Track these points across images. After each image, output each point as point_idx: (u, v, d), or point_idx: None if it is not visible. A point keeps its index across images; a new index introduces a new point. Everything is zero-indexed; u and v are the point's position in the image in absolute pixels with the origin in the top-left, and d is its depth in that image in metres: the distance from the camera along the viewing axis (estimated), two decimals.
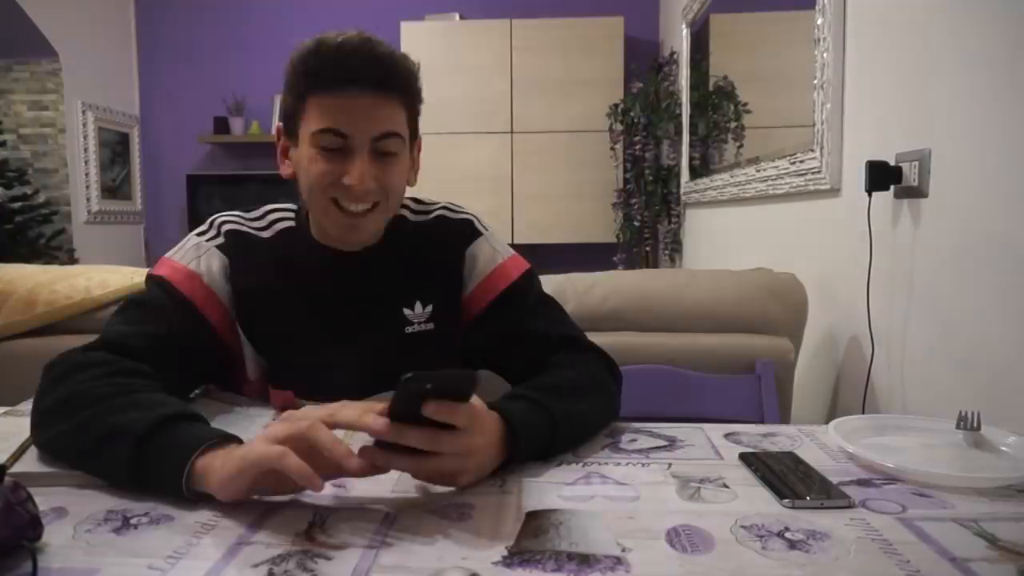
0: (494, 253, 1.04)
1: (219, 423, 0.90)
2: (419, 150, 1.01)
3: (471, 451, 0.70)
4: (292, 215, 1.03)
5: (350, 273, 0.99)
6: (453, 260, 1.02)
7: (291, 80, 0.91)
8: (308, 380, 1.00)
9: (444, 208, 1.06)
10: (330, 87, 0.88)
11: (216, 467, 0.66)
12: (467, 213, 1.07)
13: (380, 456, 0.67)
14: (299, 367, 1.00)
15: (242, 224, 1.01)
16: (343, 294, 0.99)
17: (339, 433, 0.67)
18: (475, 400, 0.71)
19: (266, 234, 1.00)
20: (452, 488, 0.72)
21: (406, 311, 1.00)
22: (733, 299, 1.52)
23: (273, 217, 1.02)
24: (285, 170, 0.98)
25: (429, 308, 1.01)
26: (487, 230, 1.06)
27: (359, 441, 0.70)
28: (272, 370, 1.01)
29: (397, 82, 0.91)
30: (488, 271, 1.02)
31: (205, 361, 0.96)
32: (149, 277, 0.97)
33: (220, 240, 0.98)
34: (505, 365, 1.03)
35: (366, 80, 0.88)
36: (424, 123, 1.01)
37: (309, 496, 0.70)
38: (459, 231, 1.04)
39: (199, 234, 1.00)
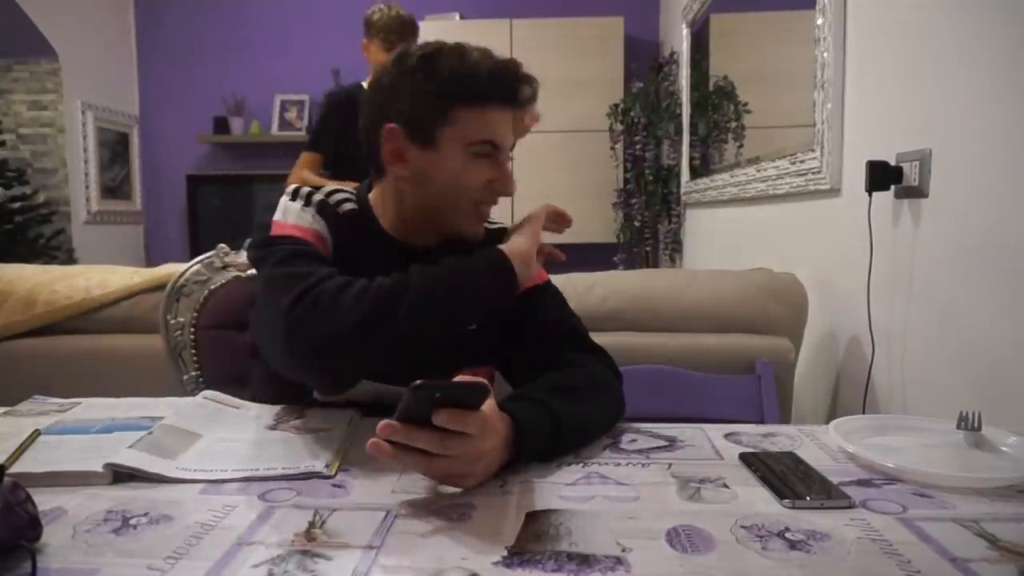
0: None
1: (220, 423, 0.90)
2: None
3: (480, 455, 0.71)
4: (353, 197, 1.06)
5: (408, 264, 0.98)
6: None
7: (426, 87, 0.95)
8: None
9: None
10: (486, 101, 0.96)
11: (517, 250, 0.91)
12: (501, 224, 1.13)
13: (389, 450, 0.68)
14: None
15: (322, 197, 1.03)
16: None
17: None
18: (488, 403, 0.72)
19: (340, 210, 1.03)
20: (457, 489, 0.72)
21: None
22: (733, 299, 1.52)
23: (340, 197, 1.05)
24: (402, 171, 0.99)
25: None
26: None
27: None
28: None
29: (530, 102, 1.01)
30: None
31: None
32: (280, 239, 0.96)
33: (313, 208, 1.01)
34: (512, 358, 1.05)
35: (516, 99, 0.98)
36: None
37: (309, 496, 0.70)
38: (496, 240, 1.06)
39: (292, 200, 1.01)
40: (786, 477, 0.73)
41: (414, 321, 0.85)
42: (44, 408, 0.99)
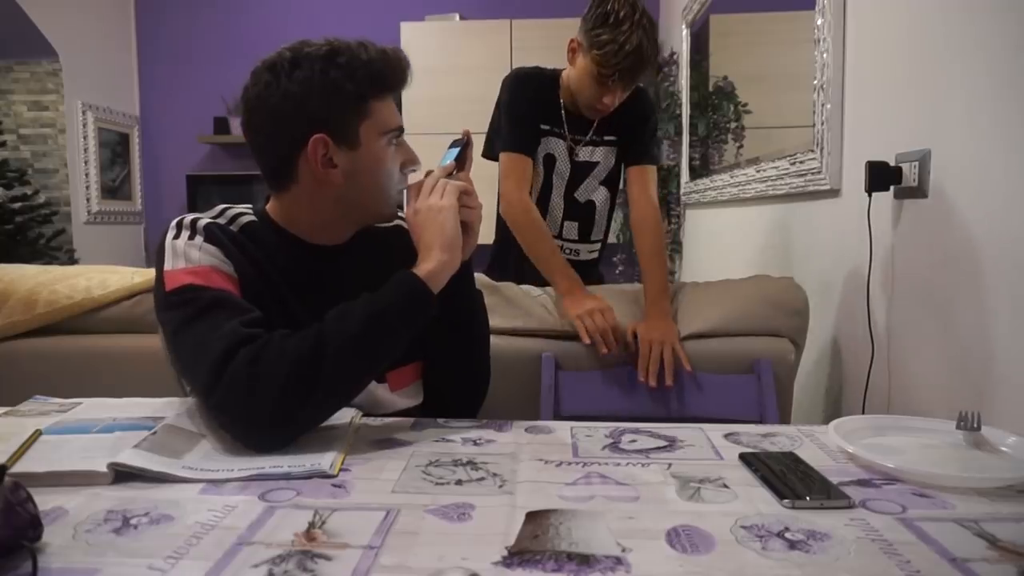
0: None
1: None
2: None
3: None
4: (250, 211, 1.05)
5: (326, 264, 1.04)
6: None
7: (343, 86, 0.94)
8: None
9: (400, 218, 1.12)
10: (390, 90, 1.00)
11: (432, 260, 0.93)
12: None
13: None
14: None
15: (210, 220, 1.00)
16: (321, 283, 1.02)
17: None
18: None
19: (235, 226, 1.01)
20: (453, 490, 0.72)
21: None
22: (733, 304, 1.52)
23: (233, 212, 1.04)
24: (335, 177, 0.97)
25: None
26: None
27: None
28: None
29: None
30: None
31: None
32: (175, 292, 0.91)
33: (201, 237, 0.96)
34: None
35: (404, 86, 1.02)
36: (423, 123, 1.09)
37: (309, 496, 0.70)
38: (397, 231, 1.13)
39: (176, 236, 0.96)
40: (786, 477, 0.73)
41: (338, 377, 0.86)
42: (45, 408, 0.99)
